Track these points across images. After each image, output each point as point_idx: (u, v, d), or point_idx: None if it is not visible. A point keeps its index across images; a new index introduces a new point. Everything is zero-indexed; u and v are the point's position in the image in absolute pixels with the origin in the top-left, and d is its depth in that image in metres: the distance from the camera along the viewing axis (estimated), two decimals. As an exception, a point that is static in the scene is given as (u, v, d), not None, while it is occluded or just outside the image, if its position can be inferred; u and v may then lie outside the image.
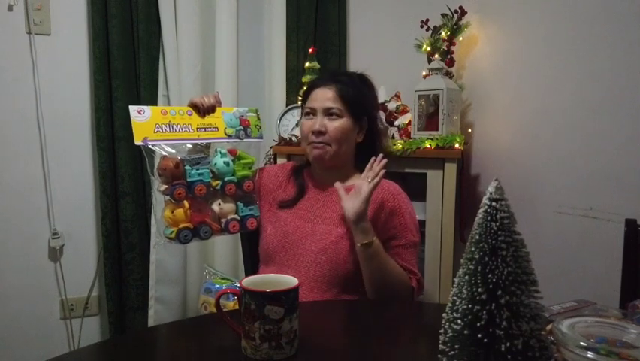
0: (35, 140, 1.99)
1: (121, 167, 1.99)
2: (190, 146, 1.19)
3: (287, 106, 2.12)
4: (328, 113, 1.32)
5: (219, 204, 1.16)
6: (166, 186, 1.10)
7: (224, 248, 2.10)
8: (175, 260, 2.07)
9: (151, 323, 2.05)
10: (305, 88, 2.02)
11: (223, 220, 1.16)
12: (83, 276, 2.12)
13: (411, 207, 1.35)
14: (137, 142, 1.09)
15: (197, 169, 1.12)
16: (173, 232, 1.10)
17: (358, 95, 1.35)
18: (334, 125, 1.31)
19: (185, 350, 0.90)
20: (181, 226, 1.10)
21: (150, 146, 1.10)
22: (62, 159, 2.04)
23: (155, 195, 1.18)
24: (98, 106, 1.96)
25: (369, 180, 1.20)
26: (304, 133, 1.36)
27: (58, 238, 2.04)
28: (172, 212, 1.10)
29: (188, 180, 1.11)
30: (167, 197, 1.11)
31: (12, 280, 2.00)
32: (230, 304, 1.26)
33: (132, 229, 2.03)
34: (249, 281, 0.84)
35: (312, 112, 1.34)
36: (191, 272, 2.08)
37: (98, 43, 1.94)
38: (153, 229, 2.02)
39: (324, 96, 1.32)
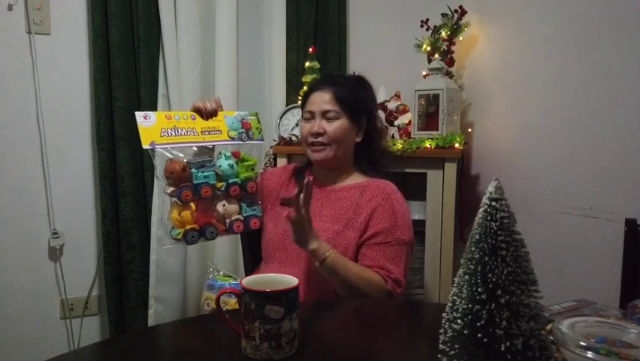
0: (35, 140, 1.99)
1: (121, 167, 1.99)
2: (195, 149, 1.23)
3: (287, 106, 2.12)
4: (326, 115, 1.36)
5: (224, 205, 1.19)
6: (173, 189, 1.13)
7: (225, 247, 2.10)
8: (175, 260, 2.07)
9: (151, 322, 2.05)
10: (303, 92, 2.05)
11: (227, 221, 1.19)
12: (83, 276, 2.12)
13: (404, 206, 1.35)
14: (145, 146, 1.12)
15: (203, 172, 1.15)
16: (180, 233, 1.13)
17: (355, 97, 1.38)
18: (332, 126, 1.35)
19: (185, 350, 0.90)
20: (188, 227, 1.13)
21: (158, 149, 1.13)
22: (62, 159, 2.03)
23: (162, 197, 1.20)
24: (98, 106, 1.96)
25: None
26: (303, 136, 1.41)
27: (58, 237, 2.04)
28: (179, 214, 1.13)
29: (195, 182, 1.14)
30: (174, 199, 1.14)
31: (12, 280, 2.00)
32: (232, 301, 1.27)
33: (132, 228, 2.03)
34: (249, 281, 0.84)
35: (311, 115, 1.38)
36: (191, 272, 2.08)
37: (98, 43, 1.94)
38: (153, 229, 2.02)
39: (322, 99, 1.37)
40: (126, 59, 1.98)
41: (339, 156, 1.38)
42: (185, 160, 1.15)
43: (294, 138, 1.92)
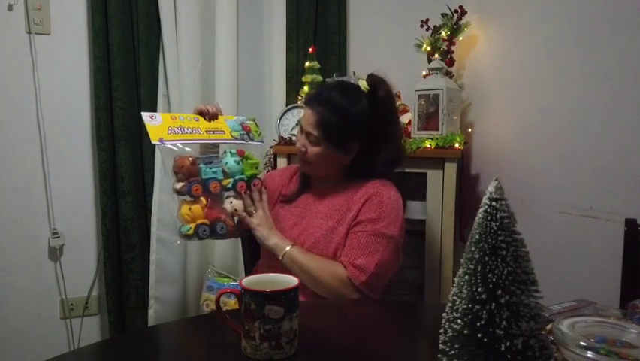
0: (35, 140, 1.99)
1: (121, 167, 1.99)
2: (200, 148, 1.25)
3: (287, 106, 2.12)
4: (309, 138, 1.32)
5: (231, 202, 1.20)
6: (182, 184, 1.14)
7: (224, 247, 2.10)
8: (175, 260, 2.07)
9: (151, 322, 2.05)
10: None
11: (235, 217, 1.21)
12: (83, 276, 2.12)
13: (396, 203, 1.31)
14: (154, 142, 1.14)
15: (211, 167, 1.17)
16: (190, 228, 1.14)
17: (343, 123, 1.29)
18: (312, 150, 1.32)
19: (185, 350, 0.90)
20: (199, 221, 1.13)
21: (167, 145, 1.15)
22: (62, 159, 2.04)
23: (171, 196, 1.22)
24: (98, 106, 1.96)
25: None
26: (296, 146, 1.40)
27: (58, 237, 2.04)
28: (189, 208, 1.14)
29: (203, 177, 1.15)
30: (182, 196, 1.15)
31: (12, 279, 2.00)
32: (232, 302, 1.27)
33: (132, 228, 2.03)
34: (249, 281, 0.84)
35: (301, 129, 1.36)
36: (191, 271, 2.08)
37: (98, 43, 1.94)
38: (153, 229, 2.02)
39: (308, 119, 1.31)
40: (126, 59, 1.98)
41: (323, 173, 1.38)
42: (193, 155, 1.17)
43: (294, 138, 1.92)
